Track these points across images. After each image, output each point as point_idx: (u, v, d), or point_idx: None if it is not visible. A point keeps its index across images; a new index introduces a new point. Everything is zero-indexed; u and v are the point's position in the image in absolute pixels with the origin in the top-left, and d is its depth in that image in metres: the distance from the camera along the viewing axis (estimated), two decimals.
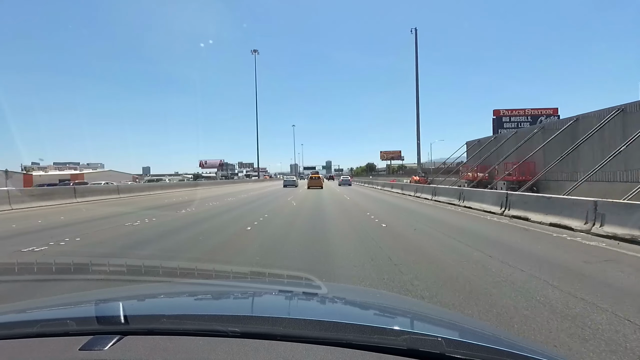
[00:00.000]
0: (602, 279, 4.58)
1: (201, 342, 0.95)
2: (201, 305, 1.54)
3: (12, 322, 1.18)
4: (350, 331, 0.99)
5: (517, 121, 45.16)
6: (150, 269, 4.48)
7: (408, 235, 8.05)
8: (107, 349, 0.91)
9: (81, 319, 1.11)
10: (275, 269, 4.98)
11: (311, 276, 2.11)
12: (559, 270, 4.99)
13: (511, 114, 46.35)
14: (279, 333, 0.99)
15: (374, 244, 6.94)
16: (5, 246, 6.93)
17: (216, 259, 5.87)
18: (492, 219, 10.84)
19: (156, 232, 8.66)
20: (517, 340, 1.36)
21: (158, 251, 6.45)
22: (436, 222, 10.30)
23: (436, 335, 0.99)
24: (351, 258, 5.78)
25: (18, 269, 5.08)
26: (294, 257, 6.03)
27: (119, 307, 1.12)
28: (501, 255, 5.87)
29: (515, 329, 3.10)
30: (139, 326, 1.05)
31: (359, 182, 59.51)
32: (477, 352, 0.93)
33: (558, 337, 2.94)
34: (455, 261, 5.50)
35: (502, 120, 45.76)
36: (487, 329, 1.67)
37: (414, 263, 5.40)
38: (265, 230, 8.85)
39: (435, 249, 6.47)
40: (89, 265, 5.01)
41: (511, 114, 46.35)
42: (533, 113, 45.72)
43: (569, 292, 4.01)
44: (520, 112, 46.40)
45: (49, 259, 5.57)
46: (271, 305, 1.52)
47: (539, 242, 7.17)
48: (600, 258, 5.72)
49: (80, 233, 8.39)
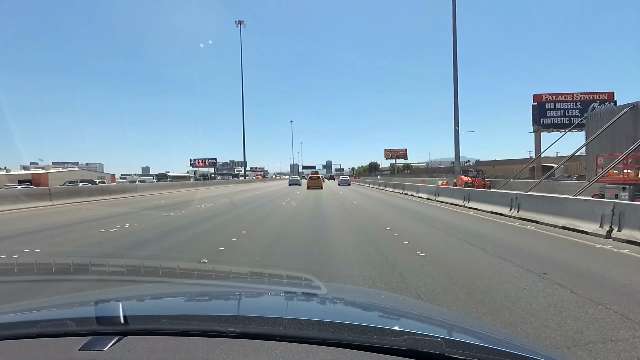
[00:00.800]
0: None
1: (201, 343, 0.95)
2: (201, 305, 1.54)
3: (12, 323, 1.18)
4: (350, 331, 1.00)
5: (563, 108, 38.23)
6: (150, 269, 4.48)
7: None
8: (106, 349, 0.91)
9: (81, 320, 1.11)
10: (275, 270, 4.96)
11: (311, 277, 2.10)
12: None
13: (556, 99, 38.43)
14: (278, 333, 0.99)
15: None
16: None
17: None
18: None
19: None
20: (516, 340, 1.36)
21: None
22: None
23: (436, 336, 1.00)
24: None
25: (18, 270, 5.08)
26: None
27: (118, 307, 1.12)
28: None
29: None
30: (139, 326, 1.05)
31: (365, 184, 51.09)
32: (476, 353, 0.93)
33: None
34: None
35: (546, 107, 38.33)
36: (487, 329, 1.68)
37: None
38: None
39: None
40: (89, 266, 5.01)
41: (556, 99, 38.43)
42: (583, 98, 38.12)
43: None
44: (567, 97, 38.46)
45: (49, 259, 5.51)
46: (271, 306, 1.52)
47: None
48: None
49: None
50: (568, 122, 36.83)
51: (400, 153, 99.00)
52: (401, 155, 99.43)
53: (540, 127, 39.10)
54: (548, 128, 39.01)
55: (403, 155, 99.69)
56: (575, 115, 37.38)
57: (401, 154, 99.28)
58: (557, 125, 38.37)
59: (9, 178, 54.67)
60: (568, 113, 38.19)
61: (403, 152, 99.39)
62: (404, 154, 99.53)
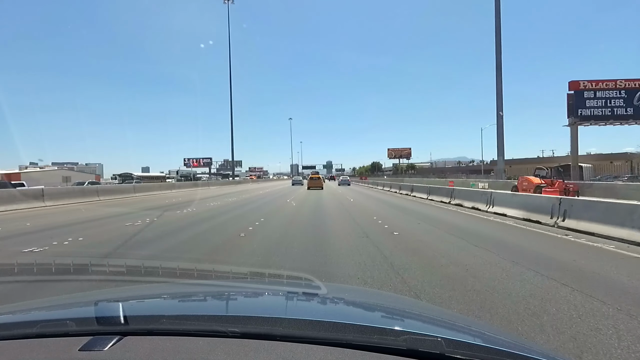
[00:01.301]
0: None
1: (201, 343, 0.95)
2: (201, 305, 1.54)
3: (12, 323, 1.18)
4: (350, 331, 0.99)
5: (605, 97, 31.66)
6: (150, 269, 4.49)
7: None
8: (106, 349, 0.91)
9: (81, 320, 1.11)
10: (275, 269, 4.95)
11: (311, 276, 2.10)
12: None
13: (596, 86, 31.81)
14: (278, 333, 0.99)
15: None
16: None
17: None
18: None
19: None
20: (516, 340, 1.35)
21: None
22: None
23: (436, 336, 1.00)
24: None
25: (18, 270, 5.07)
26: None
27: (118, 307, 1.12)
28: None
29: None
30: (139, 327, 1.05)
31: (372, 185, 45.30)
32: (476, 352, 0.93)
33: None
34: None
35: (584, 96, 31.62)
36: (487, 329, 1.67)
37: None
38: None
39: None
40: (89, 266, 5.00)
41: (596, 86, 31.81)
42: (628, 86, 31.61)
43: None
44: (609, 84, 31.81)
45: (49, 259, 5.49)
46: (271, 306, 1.52)
47: None
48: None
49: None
50: (610, 114, 31.61)
51: (404, 152, 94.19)
52: (405, 155, 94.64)
53: (577, 120, 32.00)
54: (587, 120, 32.25)
55: (407, 155, 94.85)
56: (619, 106, 31.70)
57: (405, 154, 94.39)
58: (599, 117, 31.91)
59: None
60: (610, 103, 31.77)
61: (407, 152, 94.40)
62: (408, 153, 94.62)
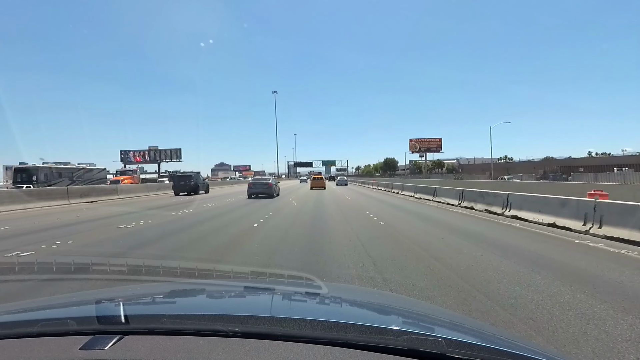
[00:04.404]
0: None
1: (201, 342, 0.95)
2: (201, 305, 1.54)
3: (12, 322, 1.18)
4: (351, 331, 0.99)
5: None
6: (150, 268, 4.47)
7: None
8: (107, 348, 0.91)
9: (82, 319, 1.11)
10: (276, 269, 4.95)
11: (312, 276, 2.11)
12: None
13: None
14: (279, 333, 0.99)
15: None
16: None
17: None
18: None
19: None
20: (517, 340, 1.35)
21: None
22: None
23: (437, 336, 1.00)
24: None
25: (18, 269, 5.05)
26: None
27: (119, 306, 1.12)
28: None
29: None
30: (140, 326, 1.05)
31: (384, 187, 31.52)
32: (477, 352, 0.93)
33: None
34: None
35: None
36: (487, 329, 1.67)
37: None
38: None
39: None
40: (90, 265, 4.98)
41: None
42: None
43: None
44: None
45: (49, 259, 5.46)
46: (271, 305, 1.52)
47: None
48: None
49: None
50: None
51: (432, 145, 70.79)
52: (433, 148, 71.62)
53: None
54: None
55: (436, 148, 71.67)
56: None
57: (433, 146, 71.07)
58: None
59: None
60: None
61: (436, 143, 70.76)
62: (438, 145, 70.87)
